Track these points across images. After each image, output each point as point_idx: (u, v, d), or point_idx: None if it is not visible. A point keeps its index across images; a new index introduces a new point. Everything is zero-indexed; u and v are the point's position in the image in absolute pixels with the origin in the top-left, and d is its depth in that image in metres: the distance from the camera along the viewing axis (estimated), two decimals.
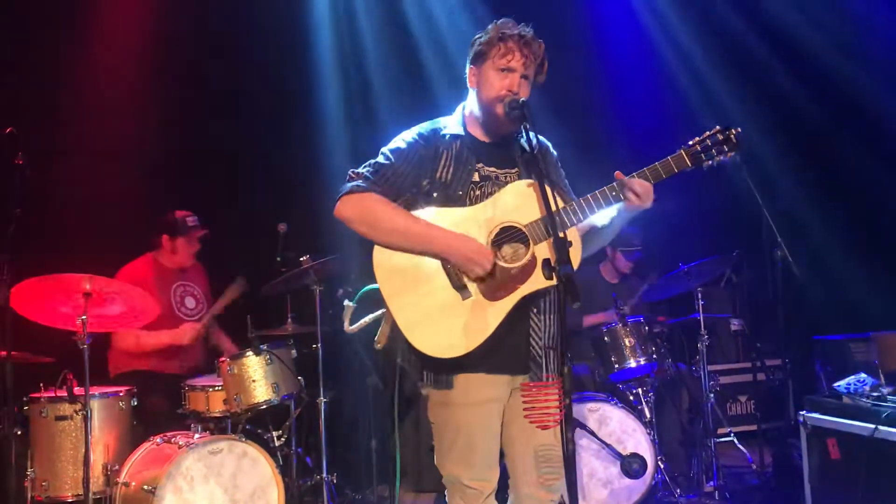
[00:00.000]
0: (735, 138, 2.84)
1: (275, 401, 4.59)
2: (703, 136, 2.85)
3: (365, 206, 2.86)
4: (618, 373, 5.05)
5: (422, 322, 2.78)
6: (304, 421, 5.09)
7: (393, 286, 2.82)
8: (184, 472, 4.05)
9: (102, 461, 4.29)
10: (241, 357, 4.59)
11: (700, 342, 5.29)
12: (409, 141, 2.96)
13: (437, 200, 2.88)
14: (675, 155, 2.84)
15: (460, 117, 3.04)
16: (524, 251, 2.77)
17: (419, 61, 6.38)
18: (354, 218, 2.87)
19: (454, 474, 2.89)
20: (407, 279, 2.81)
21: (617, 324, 5.07)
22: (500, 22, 2.95)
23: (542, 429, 2.72)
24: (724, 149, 2.84)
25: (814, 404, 4.43)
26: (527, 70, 2.89)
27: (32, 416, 4.30)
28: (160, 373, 4.92)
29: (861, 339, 5.08)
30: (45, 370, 4.34)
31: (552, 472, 2.91)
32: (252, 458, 4.24)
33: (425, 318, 2.78)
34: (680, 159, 2.83)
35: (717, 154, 2.84)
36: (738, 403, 6.73)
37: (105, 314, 4.30)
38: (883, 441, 3.87)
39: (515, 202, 2.82)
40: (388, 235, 2.83)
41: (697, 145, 2.84)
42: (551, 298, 2.88)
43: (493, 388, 2.87)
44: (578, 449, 4.55)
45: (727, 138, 2.84)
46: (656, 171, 2.82)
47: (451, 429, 2.88)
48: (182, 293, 5.15)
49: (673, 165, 2.82)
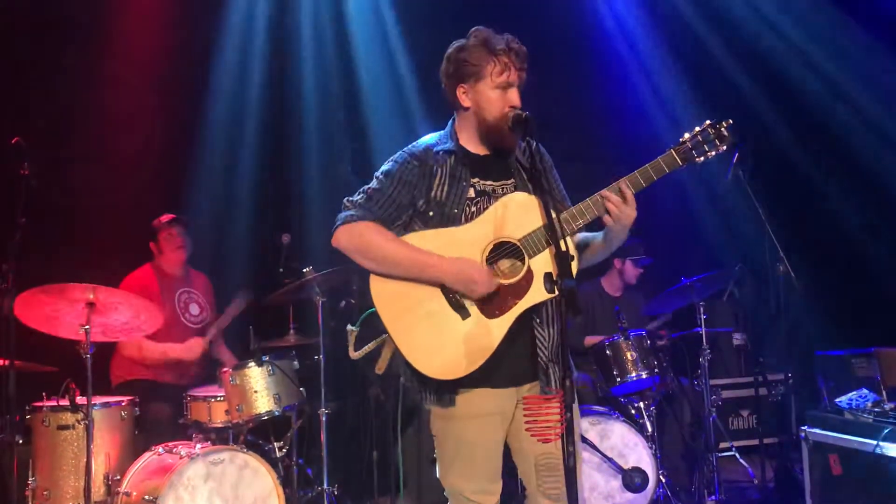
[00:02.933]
0: (727, 131, 2.75)
1: (277, 412, 4.58)
2: (693, 133, 2.77)
3: (359, 236, 2.84)
4: (620, 386, 5.04)
5: (423, 346, 2.77)
6: (306, 432, 5.09)
7: (393, 312, 2.81)
8: (185, 483, 4.05)
9: (104, 471, 4.29)
10: (244, 368, 4.59)
11: (702, 356, 5.28)
12: (402, 163, 2.91)
13: (433, 220, 2.86)
14: (665, 155, 2.76)
15: (452, 131, 2.98)
16: (520, 266, 2.77)
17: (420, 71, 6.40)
18: (350, 249, 2.86)
19: (456, 487, 2.88)
20: (405, 304, 2.80)
21: (619, 337, 5.07)
22: (479, 34, 2.87)
23: (543, 442, 2.71)
24: (715, 143, 2.75)
25: (815, 419, 4.42)
26: (520, 79, 2.88)
27: (34, 425, 4.31)
28: (162, 382, 4.93)
29: (863, 354, 5.07)
30: (47, 379, 4.35)
31: (555, 481, 2.88)
32: (253, 468, 4.24)
33: (427, 342, 2.76)
34: (670, 159, 2.75)
35: (708, 150, 2.75)
36: (739, 418, 6.72)
37: (109, 323, 4.31)
38: (884, 457, 3.87)
39: (509, 217, 2.79)
40: (384, 265, 2.82)
41: (688, 142, 2.75)
42: (552, 310, 2.85)
43: (497, 401, 2.85)
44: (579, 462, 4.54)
45: (718, 132, 2.76)
46: (647, 174, 2.74)
47: (453, 442, 2.88)
48: (186, 300, 5.16)
49: (664, 166, 2.74)
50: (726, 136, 2.77)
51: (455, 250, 2.79)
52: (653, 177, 2.75)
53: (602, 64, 7.01)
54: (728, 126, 2.78)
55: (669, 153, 2.77)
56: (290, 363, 4.80)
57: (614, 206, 2.72)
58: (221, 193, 5.94)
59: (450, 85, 2.93)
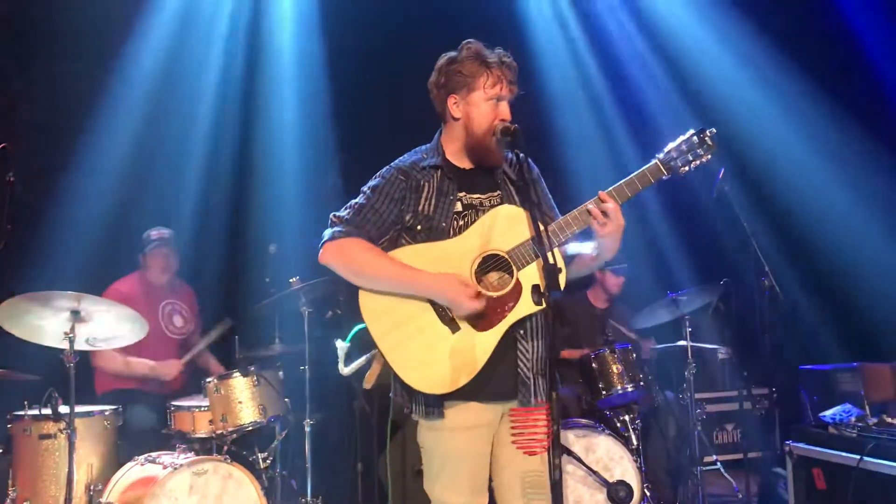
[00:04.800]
0: (710, 140, 2.76)
1: (262, 422, 4.56)
2: (677, 142, 2.78)
3: (346, 252, 2.84)
4: (605, 399, 5.04)
5: (413, 360, 2.76)
6: (290, 443, 5.06)
7: (382, 326, 2.80)
8: (168, 493, 4.02)
9: (86, 481, 4.26)
10: (229, 378, 4.57)
11: (687, 370, 5.29)
12: (388, 178, 2.92)
13: (421, 234, 2.86)
14: (650, 165, 2.77)
15: (438, 145, 2.98)
16: (509, 278, 2.77)
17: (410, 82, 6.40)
18: (337, 265, 2.86)
19: (443, 499, 2.87)
20: (395, 318, 2.80)
21: (605, 350, 5.07)
22: (471, 46, 2.88)
23: (529, 455, 2.70)
24: (699, 153, 2.76)
25: (800, 434, 4.44)
26: (511, 93, 2.89)
27: (15, 434, 4.25)
28: (146, 392, 4.90)
29: (847, 369, 5.11)
30: (30, 387, 4.31)
31: (539, 498, 2.88)
32: (237, 479, 4.21)
33: (417, 356, 2.76)
34: (655, 169, 2.76)
35: (692, 159, 2.76)
36: (724, 432, 6.74)
37: (93, 332, 4.27)
38: (868, 472, 3.89)
39: (497, 229, 2.80)
40: (373, 282, 2.82)
41: (672, 152, 2.77)
42: (537, 322, 2.84)
43: (484, 414, 2.85)
44: (565, 475, 4.54)
45: (702, 141, 2.77)
46: (632, 184, 2.75)
47: (440, 453, 2.87)
48: (170, 311, 5.14)
49: (649, 176, 2.75)
50: (711, 145, 2.77)
51: (444, 264, 2.79)
52: (638, 187, 2.76)
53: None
54: (712, 135, 2.78)
55: (654, 163, 2.78)
56: (276, 373, 4.79)
57: (601, 216, 2.72)
58: (208, 202, 5.92)
59: (440, 95, 2.93)
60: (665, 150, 2.79)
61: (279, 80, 6.28)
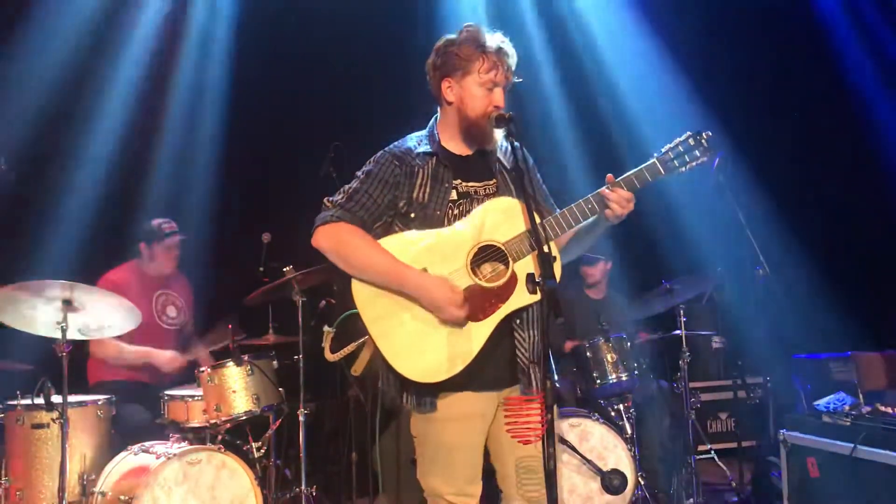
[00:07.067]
0: (706, 142, 2.78)
1: (256, 412, 4.55)
2: (674, 143, 2.79)
3: (338, 238, 2.82)
4: (600, 388, 5.05)
5: (405, 348, 2.74)
6: (284, 433, 5.06)
7: (374, 312, 2.78)
8: (161, 483, 4.01)
9: (79, 470, 4.24)
10: (222, 367, 4.55)
11: (682, 359, 5.30)
12: (383, 163, 2.89)
13: (415, 221, 2.83)
14: (649, 164, 2.78)
15: (434, 132, 2.96)
16: (504, 269, 2.75)
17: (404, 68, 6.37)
18: (329, 250, 2.83)
19: (436, 489, 2.86)
20: (388, 304, 2.77)
21: (599, 339, 5.07)
22: (471, 30, 2.85)
23: (523, 443, 2.70)
24: (696, 154, 2.78)
25: (793, 423, 4.45)
26: (507, 81, 2.86)
27: (8, 424, 4.24)
28: (139, 382, 4.88)
29: (841, 358, 5.12)
30: (22, 377, 4.30)
31: (535, 484, 2.87)
32: (231, 469, 4.20)
33: (409, 344, 2.74)
34: (653, 168, 2.77)
35: (689, 160, 2.78)
36: (718, 421, 6.76)
37: (85, 321, 4.25)
38: (861, 460, 3.90)
39: (493, 220, 2.78)
40: (361, 271, 2.79)
41: (670, 152, 2.78)
42: (533, 312, 2.83)
43: (478, 404, 2.84)
44: (559, 464, 4.54)
45: (699, 143, 2.78)
46: (630, 181, 2.76)
47: (433, 443, 2.86)
48: (164, 302, 5.11)
49: (647, 174, 2.77)
50: (707, 148, 2.79)
51: (439, 253, 2.77)
52: (636, 185, 2.76)
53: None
54: (708, 138, 2.80)
55: (652, 163, 2.79)
56: (270, 363, 4.77)
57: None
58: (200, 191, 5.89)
59: (435, 78, 2.91)
60: (663, 150, 2.81)
61: (271, 66, 6.24)
